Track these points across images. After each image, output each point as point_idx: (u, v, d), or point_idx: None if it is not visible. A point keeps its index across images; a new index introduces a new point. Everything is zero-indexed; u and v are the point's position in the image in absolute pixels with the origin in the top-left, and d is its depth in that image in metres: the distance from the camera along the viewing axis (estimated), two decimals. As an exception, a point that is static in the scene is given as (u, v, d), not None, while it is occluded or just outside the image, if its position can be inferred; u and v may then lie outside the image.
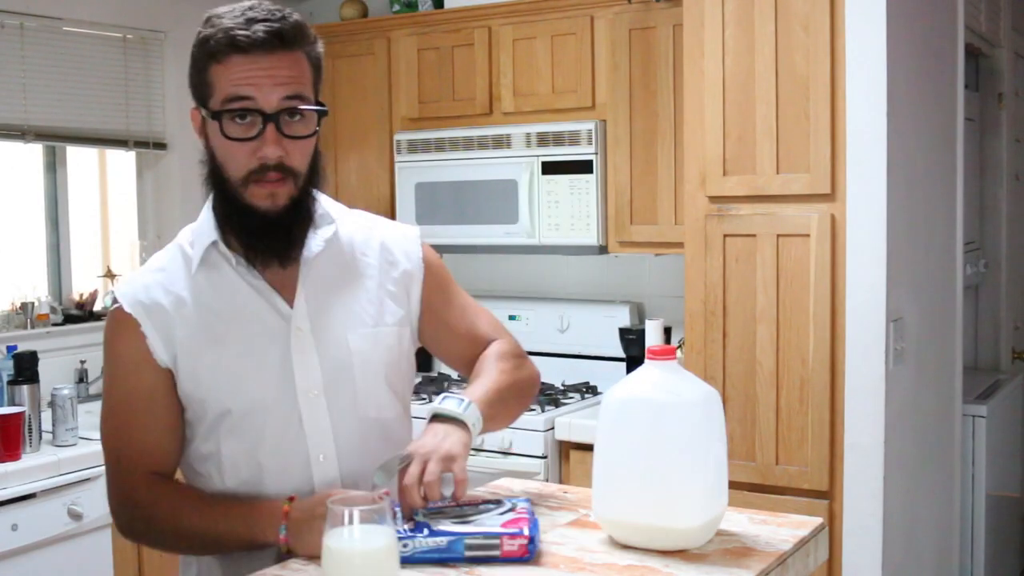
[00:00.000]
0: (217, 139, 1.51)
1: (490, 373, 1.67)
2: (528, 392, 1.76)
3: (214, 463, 1.59)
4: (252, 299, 1.57)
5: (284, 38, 1.48)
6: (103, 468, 1.64)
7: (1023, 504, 4.32)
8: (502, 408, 1.65)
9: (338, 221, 1.65)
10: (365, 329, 1.62)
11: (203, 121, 1.54)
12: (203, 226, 1.60)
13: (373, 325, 1.64)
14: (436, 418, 1.55)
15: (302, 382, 1.57)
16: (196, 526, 1.52)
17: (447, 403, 1.56)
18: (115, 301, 1.60)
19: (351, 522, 1.19)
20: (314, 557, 1.35)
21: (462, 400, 1.56)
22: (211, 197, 1.58)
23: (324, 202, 1.64)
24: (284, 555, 1.45)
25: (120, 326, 1.57)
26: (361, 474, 1.58)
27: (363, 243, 1.69)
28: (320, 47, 1.56)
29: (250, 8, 1.50)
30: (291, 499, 1.48)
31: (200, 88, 1.52)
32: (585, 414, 3.35)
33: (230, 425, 1.56)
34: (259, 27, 1.47)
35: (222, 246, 1.58)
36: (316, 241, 1.61)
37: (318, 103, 1.54)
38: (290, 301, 1.58)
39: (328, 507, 1.21)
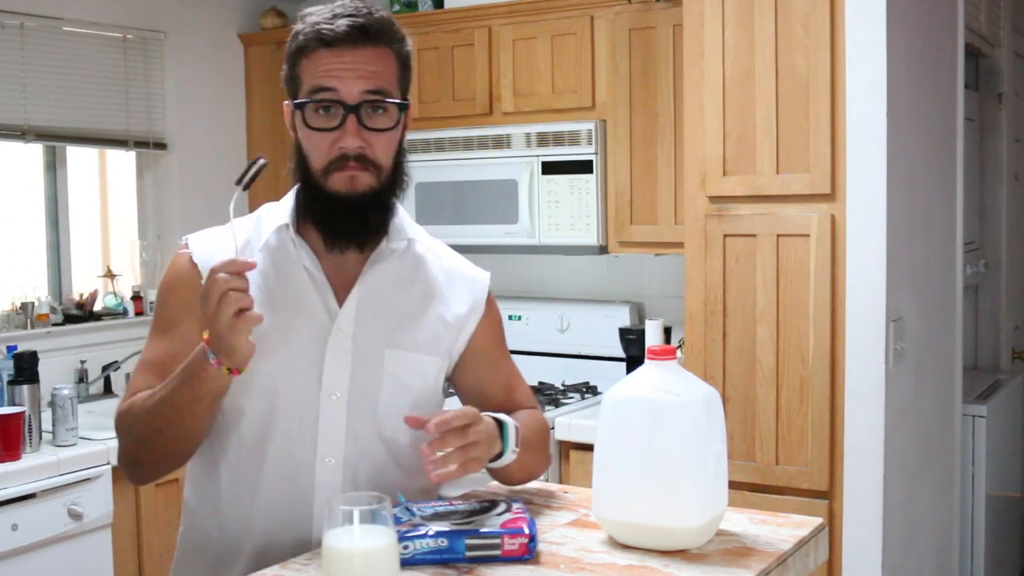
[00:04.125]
0: (302, 129, 1.55)
1: (529, 423, 1.68)
2: (544, 459, 1.74)
3: (218, 440, 1.58)
4: (306, 288, 1.58)
5: (368, 32, 1.52)
6: (103, 468, 1.63)
7: (1023, 504, 4.32)
8: (530, 452, 1.66)
9: (414, 240, 1.68)
10: (404, 352, 1.62)
11: (292, 114, 1.58)
12: (282, 207, 1.64)
13: (414, 350, 1.63)
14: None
15: (328, 382, 1.56)
16: (150, 404, 1.51)
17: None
18: (185, 246, 1.62)
19: (351, 522, 1.19)
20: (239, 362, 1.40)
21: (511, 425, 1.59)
22: (297, 185, 1.61)
23: (403, 218, 1.66)
24: (227, 373, 1.43)
25: (185, 275, 1.59)
26: (363, 487, 1.57)
27: (433, 269, 1.69)
28: (408, 45, 1.59)
29: (339, 5, 1.56)
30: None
31: (290, 82, 1.58)
32: (585, 414, 3.35)
33: (246, 405, 1.56)
34: (343, 22, 1.52)
35: (291, 231, 1.60)
36: (386, 250, 1.62)
37: (403, 99, 1.57)
38: (342, 300, 1.59)
39: (329, 507, 1.21)
